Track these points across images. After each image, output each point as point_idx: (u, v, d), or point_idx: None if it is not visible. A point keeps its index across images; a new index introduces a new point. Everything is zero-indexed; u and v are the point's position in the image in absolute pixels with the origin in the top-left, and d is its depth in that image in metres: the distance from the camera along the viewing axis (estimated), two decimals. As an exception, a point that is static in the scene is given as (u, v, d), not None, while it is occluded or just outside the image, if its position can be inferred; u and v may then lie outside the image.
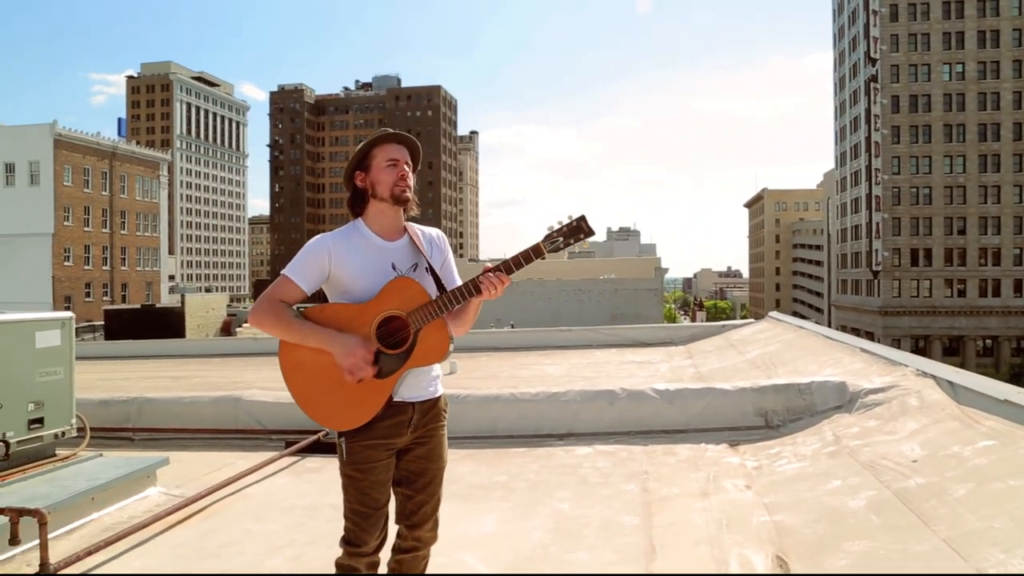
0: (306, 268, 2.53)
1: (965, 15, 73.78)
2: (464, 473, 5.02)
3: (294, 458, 5.73)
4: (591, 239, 2.61)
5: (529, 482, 4.81)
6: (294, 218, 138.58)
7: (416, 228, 2.72)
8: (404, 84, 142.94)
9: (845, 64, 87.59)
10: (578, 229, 2.47)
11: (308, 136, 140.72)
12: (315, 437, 5.94)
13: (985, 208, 73.50)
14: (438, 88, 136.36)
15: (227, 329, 49.29)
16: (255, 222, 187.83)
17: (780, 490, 4.25)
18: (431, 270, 2.63)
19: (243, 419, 6.65)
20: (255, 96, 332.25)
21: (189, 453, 6.07)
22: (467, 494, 4.56)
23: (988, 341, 73.47)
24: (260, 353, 14.35)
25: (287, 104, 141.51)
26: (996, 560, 2.78)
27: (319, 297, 2.69)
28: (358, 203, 2.65)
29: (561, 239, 2.49)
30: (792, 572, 3.16)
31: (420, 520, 2.62)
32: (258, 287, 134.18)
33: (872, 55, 75.73)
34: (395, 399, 2.52)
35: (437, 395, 2.68)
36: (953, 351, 71.61)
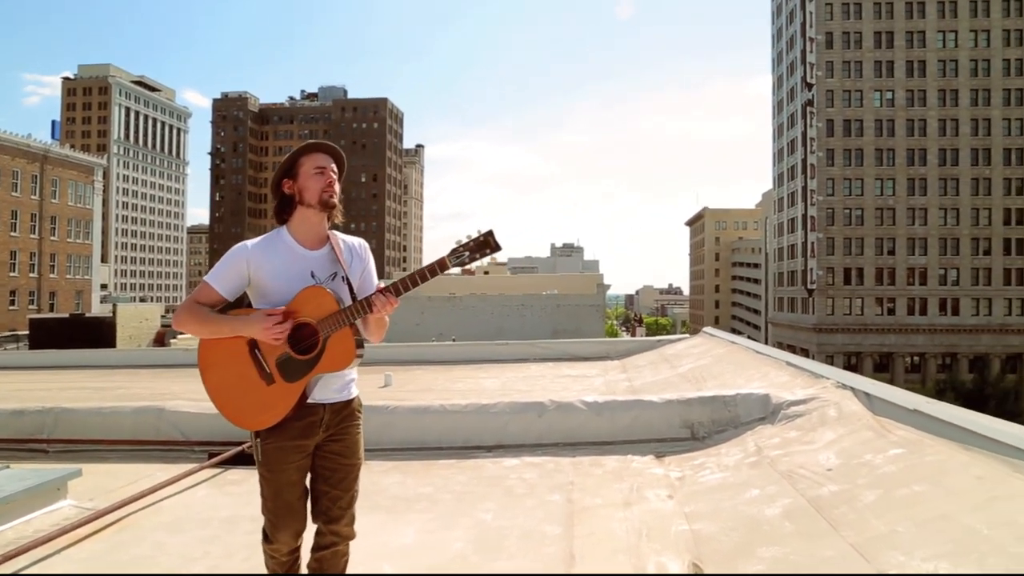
0: (225, 274, 2.64)
1: (895, 45, 76.78)
2: (389, 484, 4.96)
3: (216, 470, 5.58)
4: (534, 256, 2.78)
5: (454, 493, 4.78)
6: (235, 228, 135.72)
7: (339, 237, 2.80)
8: (350, 95, 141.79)
9: (783, 88, 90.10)
10: (485, 244, 2.55)
11: (251, 145, 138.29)
12: (238, 449, 5.80)
13: (913, 230, 76.27)
14: (384, 100, 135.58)
15: (160, 340, 48.03)
16: (194, 231, 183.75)
17: (701, 500, 4.30)
18: (347, 280, 2.71)
19: (165, 430, 6.46)
20: (198, 103, 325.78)
21: (106, 465, 5.87)
22: (390, 505, 4.51)
23: (916, 358, 75.98)
24: (193, 364, 13.99)
25: (230, 112, 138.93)
26: (897, 562, 2.86)
27: (242, 303, 2.76)
28: (284, 210, 2.74)
29: (467, 253, 2.57)
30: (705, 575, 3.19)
31: (337, 515, 2.68)
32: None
33: (808, 80, 78.12)
34: (308, 401, 2.62)
35: (351, 397, 2.77)
36: (883, 367, 73.84)
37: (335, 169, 2.76)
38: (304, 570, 2.78)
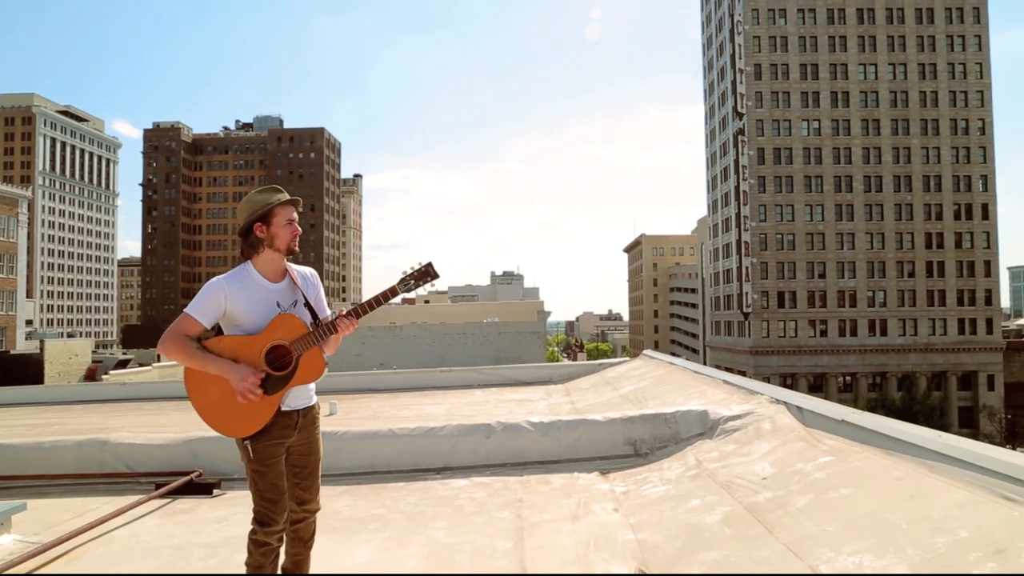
0: (205, 307, 3.07)
1: (820, 77, 79.91)
2: (340, 508, 5.01)
3: (164, 500, 5.54)
4: (475, 284, 3.23)
5: (405, 514, 4.86)
6: (168, 260, 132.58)
7: (293, 268, 3.31)
8: (287, 125, 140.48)
9: (715, 117, 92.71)
10: (426, 273, 3.21)
11: (184, 176, 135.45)
12: (187, 478, 5.78)
13: (842, 254, 78.97)
14: (321, 130, 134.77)
15: (91, 376, 46.43)
16: (125, 264, 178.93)
17: (645, 511, 4.48)
18: (308, 305, 3.25)
19: (110, 463, 6.36)
20: (128, 133, 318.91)
21: (50, 500, 5.76)
22: (343, 527, 4.56)
23: (848, 377, 78.27)
24: (128, 399, 13.72)
25: (162, 142, 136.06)
26: (826, 558, 3.08)
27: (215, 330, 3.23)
28: (253, 249, 3.18)
29: (413, 281, 3.20)
30: (652, 584, 3.35)
31: (309, 497, 3.28)
32: (127, 333, 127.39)
33: (739, 110, 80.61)
34: (284, 409, 3.13)
35: (313, 403, 3.32)
36: (818, 387, 75.82)
37: (297, 218, 3.27)
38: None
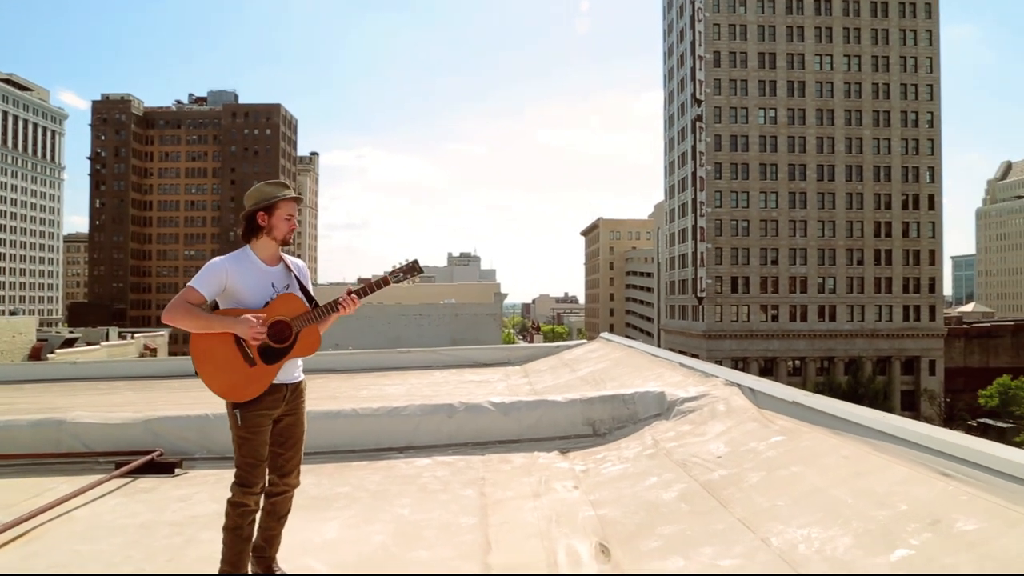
0: (209, 281, 3.29)
1: (777, 66, 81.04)
2: (306, 486, 5.04)
3: (125, 479, 5.53)
4: (422, 275, 3.63)
5: (370, 492, 4.94)
6: (117, 236, 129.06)
7: (288, 258, 3.59)
8: (242, 100, 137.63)
9: (674, 103, 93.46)
10: (413, 268, 3.61)
11: (135, 150, 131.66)
12: (148, 457, 5.77)
13: (794, 240, 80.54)
14: (278, 106, 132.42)
15: (36, 355, 45.36)
16: (72, 240, 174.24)
17: (604, 488, 4.64)
18: (303, 289, 3.53)
19: (67, 442, 6.30)
20: (75, 104, 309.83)
21: (4, 480, 5.70)
22: (309, 504, 4.63)
23: (797, 361, 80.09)
24: (79, 378, 13.50)
25: (112, 115, 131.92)
26: (777, 531, 3.26)
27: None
28: (253, 234, 3.44)
29: (402, 274, 3.60)
30: (614, 556, 3.49)
31: (289, 470, 3.47)
32: (73, 310, 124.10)
33: (698, 96, 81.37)
34: (274, 382, 3.35)
35: (301, 380, 3.55)
36: (768, 371, 77.43)
37: (299, 219, 3.58)
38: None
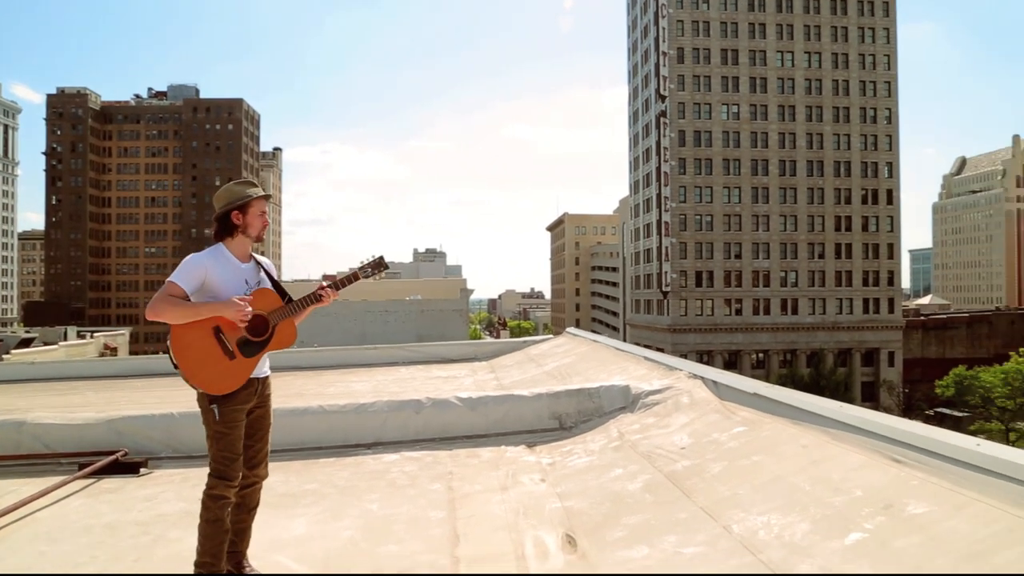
0: (189, 276, 3.36)
1: (740, 62, 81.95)
2: (273, 483, 5.05)
3: (89, 480, 5.48)
4: (387, 271, 3.77)
5: (338, 488, 4.96)
6: (74, 234, 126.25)
7: (256, 256, 3.69)
8: (203, 95, 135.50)
9: (639, 99, 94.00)
10: (379, 264, 3.72)
11: (92, 145, 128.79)
12: (112, 458, 5.72)
13: (757, 235, 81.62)
14: (240, 101, 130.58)
15: (-9, 355, 44.28)
16: (27, 237, 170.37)
17: (571, 481, 4.71)
18: (275, 284, 3.63)
19: (28, 444, 6.21)
20: (29, 98, 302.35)
21: (-36, 482, 5.61)
22: (277, 502, 4.63)
23: (761, 354, 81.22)
24: (37, 379, 13.27)
25: (68, 109, 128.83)
26: (738, 518, 3.35)
27: None
28: (228, 232, 3.52)
29: (370, 269, 3.71)
30: (580, 546, 3.56)
31: (259, 461, 3.56)
32: (29, 309, 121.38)
33: (662, 92, 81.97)
34: (249, 377, 3.44)
35: (268, 373, 3.65)
36: (732, 364, 78.40)
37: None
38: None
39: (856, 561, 2.74)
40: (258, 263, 3.64)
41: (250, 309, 3.39)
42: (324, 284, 3.59)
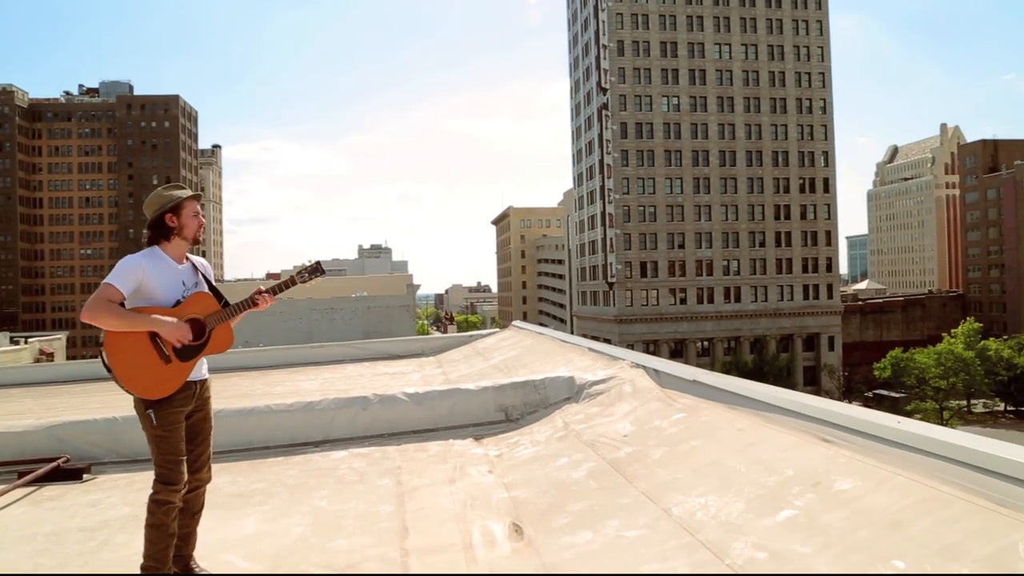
0: (126, 278, 3.34)
1: (679, 55, 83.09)
2: (221, 484, 5.04)
3: (30, 488, 5.38)
4: (324, 275, 3.81)
5: (287, 486, 4.97)
6: (5, 236, 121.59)
7: (191, 256, 3.69)
8: (138, 92, 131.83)
9: (580, 92, 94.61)
10: (316, 269, 3.74)
11: (21, 144, 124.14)
12: (53, 464, 5.62)
13: (699, 225, 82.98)
14: (176, 97, 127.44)
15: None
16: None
17: (517, 471, 4.81)
18: (210, 286, 3.65)
19: (-37, 452, 6.08)
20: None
21: None
22: (225, 503, 4.62)
23: (705, 343, 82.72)
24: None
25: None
26: (677, 500, 3.49)
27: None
28: (162, 235, 3.52)
29: (307, 274, 3.72)
30: (526, 534, 3.66)
31: (200, 465, 3.55)
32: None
33: (603, 85, 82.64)
34: (187, 380, 3.45)
35: (207, 377, 3.67)
36: (678, 353, 79.71)
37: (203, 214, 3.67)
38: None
39: (787, 536, 2.89)
40: (194, 265, 3.65)
41: (188, 333, 3.39)
42: (261, 289, 3.62)
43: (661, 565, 2.96)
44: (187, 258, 3.64)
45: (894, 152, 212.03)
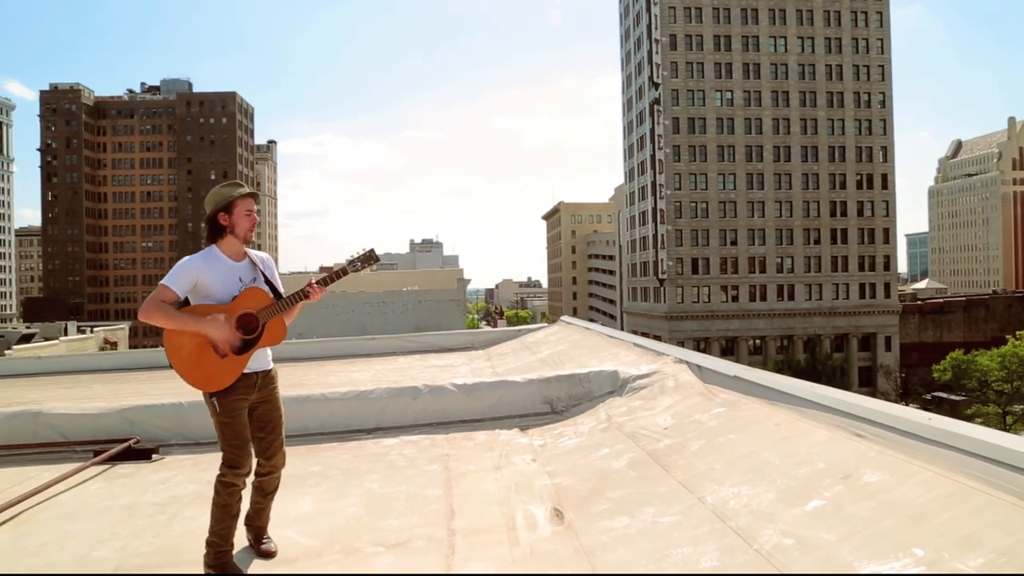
0: (181, 279, 3.52)
1: (732, 48, 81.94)
2: (279, 467, 5.35)
3: (104, 466, 5.74)
4: (379, 263, 3.93)
5: (341, 470, 5.24)
6: (71, 229, 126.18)
7: (252, 252, 3.82)
8: (196, 89, 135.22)
9: (632, 87, 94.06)
10: (370, 257, 3.80)
11: (87, 140, 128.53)
12: (125, 444, 5.99)
13: (752, 221, 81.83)
14: (233, 94, 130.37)
15: (-8, 351, 44.49)
16: (24, 234, 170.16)
17: (560, 460, 4.99)
18: (267, 281, 3.75)
19: (44, 433, 6.48)
20: (22, 95, 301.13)
21: (-17, 470, 5.88)
22: (285, 483, 4.83)
23: (757, 341, 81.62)
24: (42, 373, 13.51)
25: (61, 105, 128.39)
26: (712, 490, 3.65)
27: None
28: (218, 234, 3.65)
29: (359, 263, 3.78)
30: (567, 518, 3.84)
31: (273, 452, 3.75)
32: (28, 306, 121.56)
33: (655, 80, 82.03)
34: (245, 371, 3.60)
35: (271, 367, 3.83)
36: (729, 351, 78.82)
37: (257, 209, 3.76)
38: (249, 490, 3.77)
39: (814, 524, 3.02)
40: (253, 260, 3.75)
41: (234, 339, 3.52)
42: (312, 281, 3.70)
43: (693, 549, 3.12)
44: (246, 254, 3.76)
45: (958, 147, 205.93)
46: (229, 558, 3.57)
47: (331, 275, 3.74)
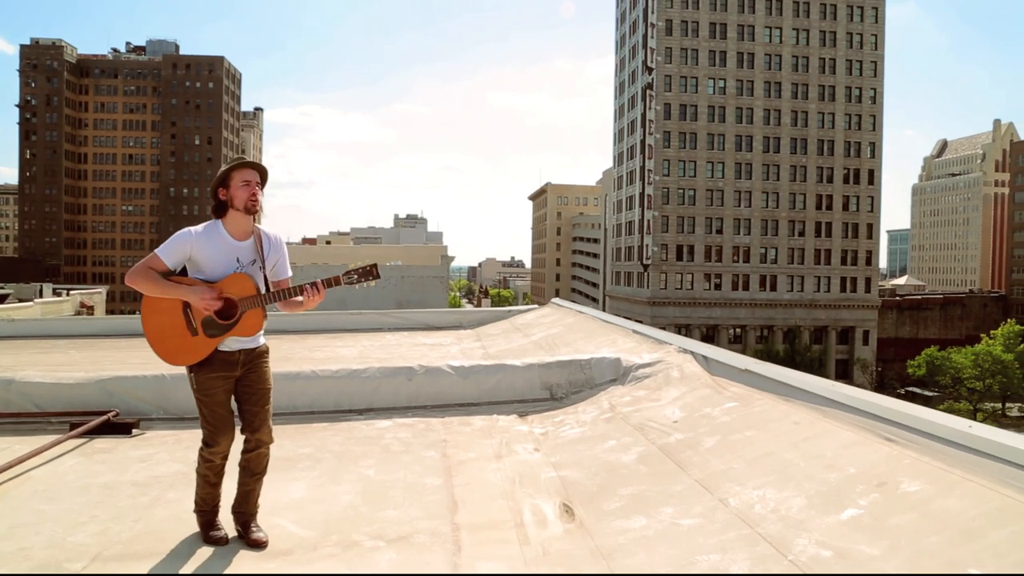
0: (173, 251, 3.41)
1: (727, 37, 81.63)
2: (268, 446, 5.10)
3: (81, 440, 5.46)
4: (378, 227, 3.89)
5: (334, 453, 5.00)
6: (49, 189, 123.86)
7: (263, 231, 3.64)
8: (183, 51, 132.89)
9: (625, 70, 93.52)
10: (370, 272, 3.54)
11: (68, 99, 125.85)
12: (104, 418, 5.71)
13: (739, 211, 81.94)
14: (221, 59, 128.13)
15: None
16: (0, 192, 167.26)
17: (565, 451, 4.78)
18: (263, 268, 3.58)
19: (17, 402, 6.18)
20: (2, 48, 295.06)
21: (-48, 439, 5.58)
22: (274, 465, 4.58)
23: (738, 329, 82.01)
24: (16, 336, 13.17)
25: (42, 61, 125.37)
26: (734, 492, 3.43)
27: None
28: (220, 210, 3.52)
29: (356, 276, 3.55)
30: (577, 515, 3.63)
31: (258, 425, 3.56)
32: (2, 265, 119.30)
33: (649, 64, 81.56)
34: (224, 349, 3.48)
35: (258, 345, 3.67)
36: (709, 338, 78.99)
37: (259, 180, 3.54)
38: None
39: (852, 536, 2.82)
40: (259, 242, 3.58)
41: (216, 302, 3.39)
42: (307, 286, 3.54)
43: (721, 557, 2.92)
44: (253, 233, 3.58)
45: (943, 146, 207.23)
46: (212, 517, 3.56)
47: (332, 280, 3.56)
